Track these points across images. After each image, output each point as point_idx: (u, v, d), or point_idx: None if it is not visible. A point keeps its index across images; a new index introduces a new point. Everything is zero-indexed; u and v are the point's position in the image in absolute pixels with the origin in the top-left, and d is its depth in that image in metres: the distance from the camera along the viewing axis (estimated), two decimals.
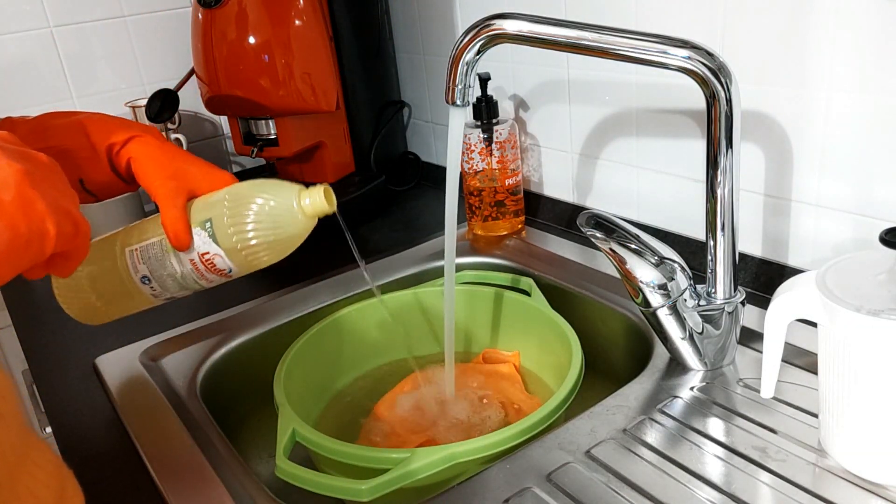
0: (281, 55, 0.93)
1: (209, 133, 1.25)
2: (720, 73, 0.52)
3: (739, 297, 0.59)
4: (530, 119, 0.95)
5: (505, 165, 0.90)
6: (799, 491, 0.47)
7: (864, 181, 0.61)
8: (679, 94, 0.74)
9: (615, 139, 0.84)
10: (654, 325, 0.61)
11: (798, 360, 0.60)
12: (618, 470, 0.51)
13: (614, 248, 0.58)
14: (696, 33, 0.69)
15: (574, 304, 0.79)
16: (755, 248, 0.72)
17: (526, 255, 0.89)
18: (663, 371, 0.62)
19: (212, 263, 0.53)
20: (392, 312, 0.82)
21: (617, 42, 0.55)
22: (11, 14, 1.03)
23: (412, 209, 1.09)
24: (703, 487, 0.49)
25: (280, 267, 0.90)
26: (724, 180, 0.56)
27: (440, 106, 1.12)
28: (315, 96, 0.97)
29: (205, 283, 0.55)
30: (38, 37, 1.06)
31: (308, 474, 0.53)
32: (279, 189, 0.54)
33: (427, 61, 1.10)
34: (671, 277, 0.58)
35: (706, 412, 0.56)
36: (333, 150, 1.07)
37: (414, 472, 0.53)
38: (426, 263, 0.90)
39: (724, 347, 0.61)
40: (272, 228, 0.53)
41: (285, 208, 0.53)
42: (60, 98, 1.09)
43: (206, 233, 0.52)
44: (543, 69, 0.89)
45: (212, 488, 0.54)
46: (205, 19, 0.93)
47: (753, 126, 0.67)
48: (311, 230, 0.56)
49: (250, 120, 1.01)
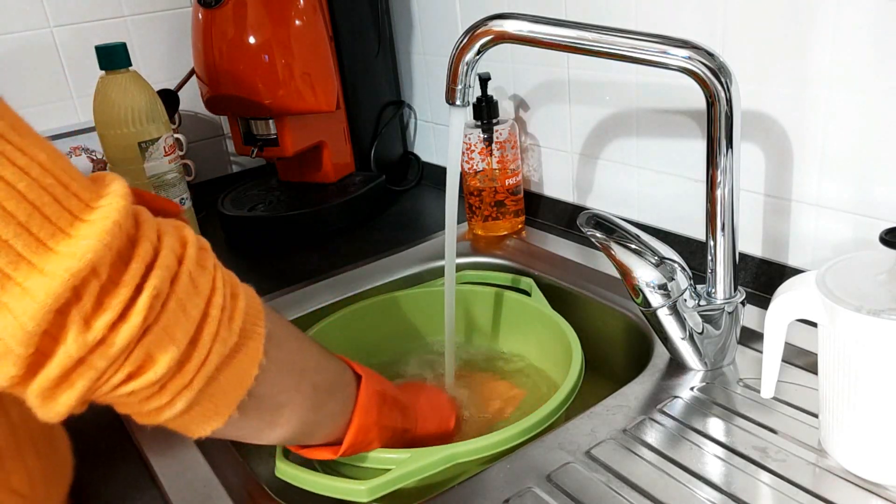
0: (281, 55, 0.93)
1: (209, 133, 1.25)
2: (720, 73, 0.52)
3: (739, 297, 0.59)
4: (530, 119, 0.95)
5: (505, 165, 0.90)
6: (799, 491, 0.47)
7: (864, 181, 0.61)
8: (679, 94, 0.74)
9: (615, 139, 0.84)
10: (654, 325, 0.61)
11: (798, 360, 0.60)
12: (618, 470, 0.51)
13: (614, 248, 0.58)
14: (697, 33, 0.69)
15: (574, 304, 0.79)
16: (755, 248, 0.72)
17: (526, 255, 0.89)
18: (663, 371, 0.62)
19: None
20: (392, 312, 0.82)
21: (617, 42, 0.55)
22: (11, 14, 1.03)
23: (412, 209, 1.09)
24: (703, 487, 0.49)
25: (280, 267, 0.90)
26: (724, 180, 0.56)
27: (440, 106, 1.12)
28: (315, 96, 0.97)
29: None
30: (38, 37, 1.06)
31: (308, 474, 0.53)
32: None
33: (427, 61, 1.10)
34: (671, 277, 0.58)
35: (706, 412, 0.56)
36: (333, 150, 1.07)
37: (414, 472, 0.53)
38: (426, 263, 0.90)
39: (725, 347, 0.61)
40: None
41: None
42: (60, 98, 1.09)
43: None
44: (543, 69, 0.89)
45: (212, 488, 0.54)
46: (205, 19, 0.93)
47: (753, 126, 0.67)
48: None
49: (250, 120, 1.01)
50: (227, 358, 0.38)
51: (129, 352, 0.33)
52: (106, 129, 0.90)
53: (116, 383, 0.34)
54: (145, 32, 1.15)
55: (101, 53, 0.88)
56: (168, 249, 0.35)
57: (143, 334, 0.33)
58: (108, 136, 0.90)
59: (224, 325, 0.37)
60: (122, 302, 0.32)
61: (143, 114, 0.90)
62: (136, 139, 0.90)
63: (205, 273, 0.37)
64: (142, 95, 0.90)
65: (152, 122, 0.91)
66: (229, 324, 0.38)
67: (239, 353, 0.39)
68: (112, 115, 0.89)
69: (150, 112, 0.90)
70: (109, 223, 0.32)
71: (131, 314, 0.33)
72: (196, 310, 0.36)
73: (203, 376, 0.37)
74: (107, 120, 0.89)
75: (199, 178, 1.19)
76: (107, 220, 0.32)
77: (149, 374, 0.34)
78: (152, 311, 0.33)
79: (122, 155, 0.91)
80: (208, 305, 0.37)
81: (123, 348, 0.33)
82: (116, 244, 0.32)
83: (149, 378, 0.34)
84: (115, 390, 0.34)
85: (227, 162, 1.29)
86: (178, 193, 0.96)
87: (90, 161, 1.11)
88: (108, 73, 0.89)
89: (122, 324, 0.32)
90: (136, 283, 0.33)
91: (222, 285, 0.38)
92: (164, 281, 0.34)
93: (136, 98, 0.89)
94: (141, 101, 0.89)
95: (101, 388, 0.33)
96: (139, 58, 1.14)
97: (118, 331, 0.32)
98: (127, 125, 0.89)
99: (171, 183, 0.95)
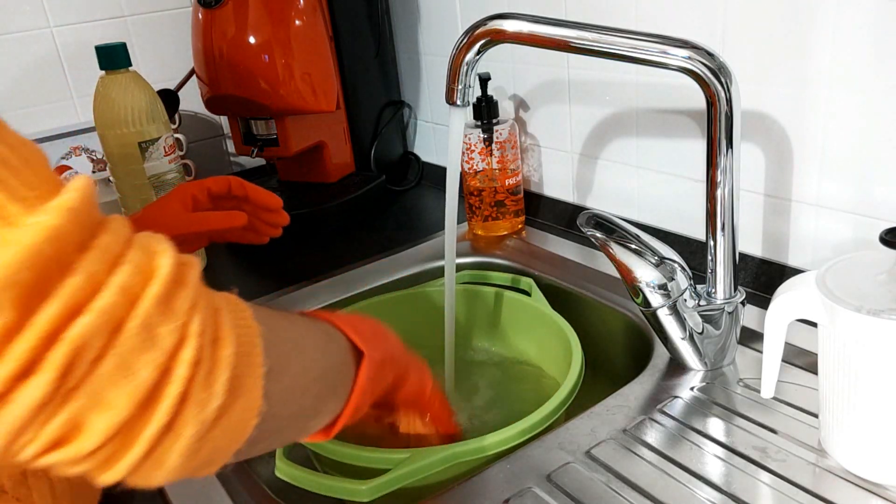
0: (281, 55, 0.93)
1: (209, 133, 1.25)
2: (720, 73, 0.52)
3: (739, 297, 0.59)
4: (530, 119, 0.95)
5: (505, 165, 0.90)
6: (799, 491, 0.47)
7: (864, 181, 0.61)
8: (679, 94, 0.74)
9: (615, 139, 0.84)
10: (654, 325, 0.61)
11: (798, 360, 0.60)
12: (618, 470, 0.51)
13: (614, 248, 0.58)
14: (697, 33, 0.69)
15: (574, 304, 0.79)
16: (755, 248, 0.72)
17: (526, 255, 0.89)
18: (663, 371, 0.62)
19: None
20: (392, 312, 0.82)
21: (617, 42, 0.55)
22: (11, 14, 1.03)
23: (412, 209, 1.09)
24: (703, 487, 0.49)
25: (280, 267, 0.90)
26: (724, 180, 0.56)
27: (440, 106, 1.12)
28: (315, 96, 0.97)
29: None
30: (38, 37, 1.06)
31: (308, 474, 0.53)
32: None
33: (427, 61, 1.10)
34: (671, 277, 0.58)
35: (706, 412, 0.56)
36: (333, 150, 1.07)
37: (414, 472, 0.53)
38: (426, 263, 0.90)
39: (725, 347, 0.61)
40: None
41: None
42: (60, 98, 1.09)
43: None
44: (543, 69, 0.89)
45: (212, 488, 0.54)
46: (205, 19, 0.93)
47: (753, 126, 0.67)
48: None
49: (250, 120, 1.01)
50: (212, 421, 0.31)
51: (49, 414, 0.27)
52: (106, 129, 0.90)
53: (40, 450, 0.27)
54: (145, 32, 1.15)
55: (101, 53, 0.88)
56: (115, 287, 0.27)
57: (65, 395, 0.27)
58: (108, 136, 0.90)
59: (199, 384, 0.30)
60: (25, 353, 0.25)
61: (143, 114, 0.90)
62: (136, 139, 0.90)
63: (171, 318, 0.29)
64: (142, 95, 0.90)
65: (152, 122, 0.91)
66: (208, 381, 0.30)
67: (231, 409, 0.32)
68: (112, 115, 0.89)
69: (150, 112, 0.90)
70: (18, 249, 0.25)
71: (39, 370, 0.26)
72: (148, 369, 0.28)
73: (177, 446, 0.30)
74: (107, 120, 0.89)
75: (199, 178, 1.18)
76: (15, 245, 0.25)
77: (75, 445, 0.28)
78: (72, 368, 0.26)
79: (122, 155, 0.91)
80: (171, 361, 0.29)
81: (34, 408, 0.26)
82: (27, 277, 0.25)
83: (80, 448, 0.28)
84: (42, 457, 0.28)
85: (227, 162, 1.29)
86: None
87: (90, 161, 1.11)
88: (108, 73, 0.89)
89: (27, 380, 0.26)
90: (47, 330, 0.26)
91: (198, 333, 0.30)
92: (95, 330, 0.27)
93: (136, 98, 0.89)
94: (141, 101, 0.89)
95: (21, 451, 0.27)
96: (139, 58, 1.14)
97: (21, 388, 0.26)
98: (127, 125, 0.89)
99: (171, 183, 0.94)
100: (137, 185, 0.92)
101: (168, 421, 0.29)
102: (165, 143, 0.93)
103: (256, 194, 0.72)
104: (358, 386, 0.46)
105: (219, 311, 0.32)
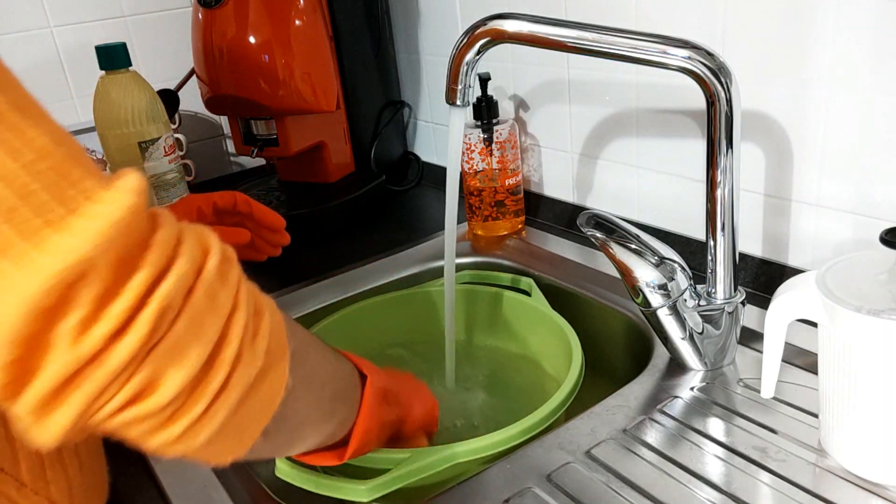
0: (281, 55, 0.93)
1: (209, 133, 1.25)
2: (720, 73, 0.52)
3: (739, 297, 0.59)
4: (530, 119, 0.95)
5: (505, 165, 0.90)
6: (799, 491, 0.47)
7: (864, 181, 0.61)
8: (679, 94, 0.74)
9: (615, 139, 0.84)
10: (654, 325, 0.61)
11: (798, 360, 0.60)
12: (618, 470, 0.51)
13: (614, 248, 0.58)
14: (697, 33, 0.69)
15: (574, 304, 0.79)
16: (755, 248, 0.72)
17: (526, 255, 0.89)
18: (663, 371, 0.62)
19: None
20: (392, 312, 0.82)
21: (617, 42, 0.55)
22: (11, 14, 1.03)
23: (412, 209, 1.09)
24: (703, 487, 0.49)
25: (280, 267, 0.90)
26: (724, 180, 0.56)
27: (440, 106, 1.12)
28: (315, 96, 0.97)
29: None
30: (38, 37, 1.06)
31: (308, 474, 0.53)
32: None
33: (427, 61, 1.10)
34: (671, 277, 0.58)
35: (706, 412, 0.56)
36: (333, 150, 1.07)
37: (414, 472, 0.53)
38: (426, 263, 0.90)
39: (725, 347, 0.61)
40: None
41: None
42: (60, 98, 1.09)
43: None
44: (543, 69, 0.89)
45: (212, 488, 0.54)
46: (205, 19, 0.93)
47: (753, 126, 0.67)
48: None
49: (250, 120, 1.01)
50: (252, 384, 0.34)
51: (132, 371, 0.29)
52: (106, 129, 0.90)
53: (118, 406, 0.30)
54: (145, 32, 1.15)
55: (101, 53, 0.88)
56: (185, 258, 0.31)
57: (147, 352, 0.30)
58: (108, 136, 0.90)
59: (247, 346, 0.33)
60: (123, 312, 0.29)
61: (143, 114, 0.90)
62: (136, 139, 0.90)
63: (227, 287, 0.33)
64: (142, 95, 0.90)
65: (152, 122, 0.91)
66: (253, 345, 0.34)
67: (266, 378, 0.35)
68: (112, 115, 0.89)
69: (150, 112, 0.90)
70: (109, 221, 0.28)
71: (132, 327, 0.29)
72: (213, 329, 0.32)
73: (225, 405, 0.33)
74: (107, 120, 0.89)
75: (199, 178, 1.19)
76: (107, 217, 0.28)
77: (153, 399, 0.30)
78: (159, 326, 0.30)
79: (122, 155, 0.91)
80: (228, 324, 0.33)
81: (123, 365, 0.29)
82: (118, 245, 0.29)
83: (155, 402, 0.30)
84: (116, 415, 0.30)
85: (227, 162, 1.29)
86: (178, 193, 0.96)
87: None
88: (108, 73, 0.89)
89: (122, 337, 0.29)
90: (141, 292, 0.29)
91: (246, 301, 0.34)
92: (176, 293, 0.30)
93: (136, 98, 0.89)
94: (141, 101, 0.90)
95: (100, 410, 0.30)
96: (139, 58, 1.14)
97: (116, 345, 0.29)
98: (127, 125, 0.89)
99: (171, 183, 0.95)
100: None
101: (225, 378, 0.32)
102: (165, 143, 0.93)
103: (261, 213, 0.73)
104: (365, 402, 0.49)
105: (255, 287, 0.36)
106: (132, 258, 0.29)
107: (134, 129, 0.89)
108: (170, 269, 0.30)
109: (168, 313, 0.30)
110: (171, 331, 0.30)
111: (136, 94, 0.89)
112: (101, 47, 0.88)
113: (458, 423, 0.73)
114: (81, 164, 0.29)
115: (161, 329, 0.30)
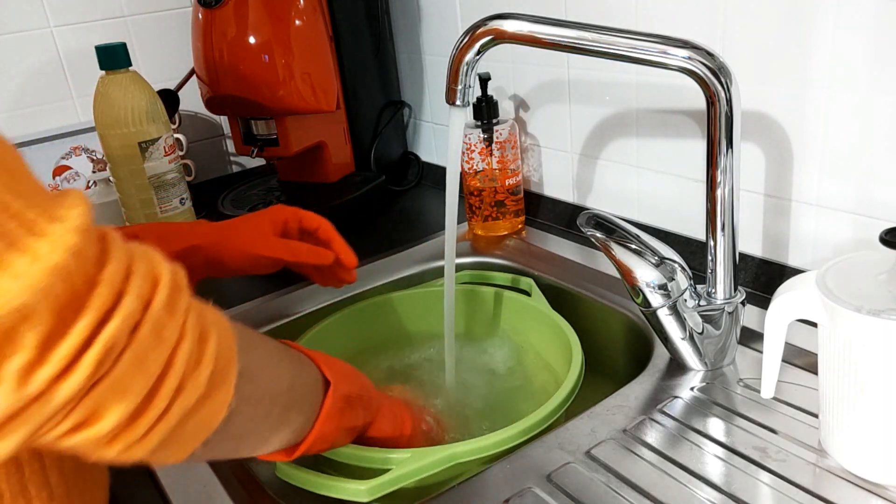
0: (281, 55, 0.93)
1: (209, 133, 1.25)
2: (720, 74, 0.52)
3: (739, 297, 0.59)
4: (530, 119, 0.95)
5: (505, 165, 0.90)
6: (799, 491, 0.47)
7: (864, 181, 0.61)
8: (679, 94, 0.74)
9: (615, 139, 0.84)
10: (655, 325, 0.61)
11: (798, 360, 0.60)
12: (618, 470, 0.51)
13: (614, 248, 0.58)
14: (697, 33, 0.69)
15: (574, 304, 0.79)
16: (755, 248, 0.72)
17: (526, 255, 0.89)
18: (663, 371, 0.62)
19: None
20: (392, 312, 0.82)
21: (617, 42, 0.55)
22: (11, 14, 1.03)
23: (412, 209, 1.09)
24: (703, 487, 0.49)
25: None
26: (724, 180, 0.56)
27: (440, 106, 1.12)
28: (315, 96, 0.97)
29: None
30: (38, 37, 1.06)
31: (308, 474, 0.53)
32: None
33: (427, 61, 1.10)
34: (671, 277, 0.58)
35: (706, 412, 0.56)
36: (333, 150, 1.07)
37: (414, 472, 0.53)
38: (426, 263, 0.90)
39: (725, 347, 0.61)
40: None
41: None
42: (60, 98, 1.09)
43: None
44: (543, 69, 0.89)
45: (212, 488, 0.54)
46: (205, 19, 0.93)
47: (753, 126, 0.67)
48: None
49: (250, 120, 1.01)
50: (192, 408, 0.34)
51: (73, 406, 0.30)
52: (106, 129, 0.90)
53: (59, 435, 0.31)
54: (145, 32, 1.15)
55: (101, 53, 0.88)
56: (132, 296, 0.31)
57: (90, 388, 0.30)
58: (108, 136, 0.90)
59: (189, 376, 0.34)
60: (68, 356, 0.28)
61: (143, 114, 0.90)
62: (136, 139, 0.90)
63: (174, 319, 0.33)
64: (142, 95, 0.90)
65: (152, 122, 0.91)
66: (195, 374, 0.34)
67: (206, 401, 0.35)
68: (112, 115, 0.89)
69: (150, 112, 0.90)
70: (48, 266, 0.27)
71: (77, 368, 0.29)
72: (157, 363, 0.32)
73: (162, 430, 0.33)
74: (107, 120, 0.89)
75: (199, 178, 1.19)
76: (46, 262, 0.27)
77: (95, 428, 0.31)
78: (103, 364, 0.30)
79: (122, 155, 0.91)
80: (172, 356, 0.33)
81: (65, 403, 0.29)
82: (59, 291, 0.28)
83: (95, 432, 0.31)
84: (59, 439, 0.31)
85: (227, 162, 1.29)
86: (178, 193, 0.96)
87: (90, 161, 1.11)
88: (109, 73, 0.89)
89: (66, 377, 0.29)
90: (86, 335, 0.29)
91: (192, 330, 0.34)
92: (121, 332, 0.30)
93: (136, 98, 0.89)
94: (141, 101, 0.90)
95: (41, 438, 0.30)
96: (139, 58, 1.14)
97: (60, 385, 0.28)
98: (127, 125, 0.89)
99: (171, 183, 0.95)
100: (138, 185, 0.92)
101: (165, 407, 0.33)
102: (165, 143, 0.93)
103: (339, 246, 0.72)
104: (324, 410, 0.49)
105: (204, 312, 0.36)
106: (78, 298, 0.29)
107: (134, 129, 0.89)
108: (116, 309, 0.30)
109: (113, 352, 0.30)
110: (116, 367, 0.30)
111: (136, 94, 0.89)
112: (101, 47, 0.88)
113: (458, 423, 0.73)
114: (21, 194, 0.28)
115: (105, 366, 0.30)
